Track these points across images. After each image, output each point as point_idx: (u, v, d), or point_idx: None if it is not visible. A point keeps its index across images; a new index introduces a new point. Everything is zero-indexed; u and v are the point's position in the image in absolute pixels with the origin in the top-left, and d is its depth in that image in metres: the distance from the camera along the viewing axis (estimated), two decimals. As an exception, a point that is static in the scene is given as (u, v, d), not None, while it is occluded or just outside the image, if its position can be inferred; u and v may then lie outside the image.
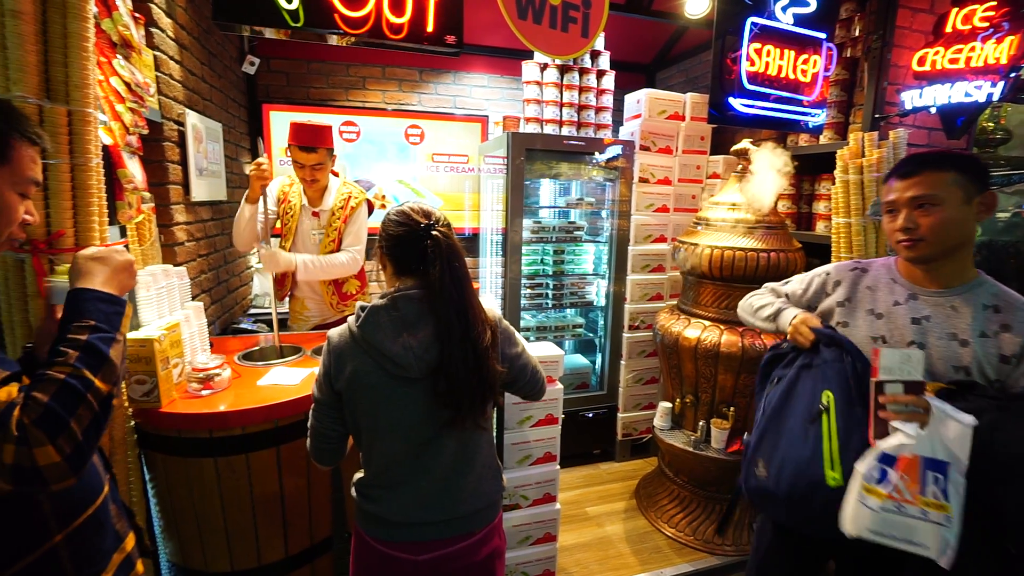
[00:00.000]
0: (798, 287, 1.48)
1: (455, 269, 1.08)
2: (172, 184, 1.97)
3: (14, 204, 0.82)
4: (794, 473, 1.19)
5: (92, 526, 0.85)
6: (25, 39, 1.06)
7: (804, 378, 1.27)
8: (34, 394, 0.69)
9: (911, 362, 1.08)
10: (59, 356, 0.75)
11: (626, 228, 2.90)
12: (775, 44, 2.09)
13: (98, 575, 0.85)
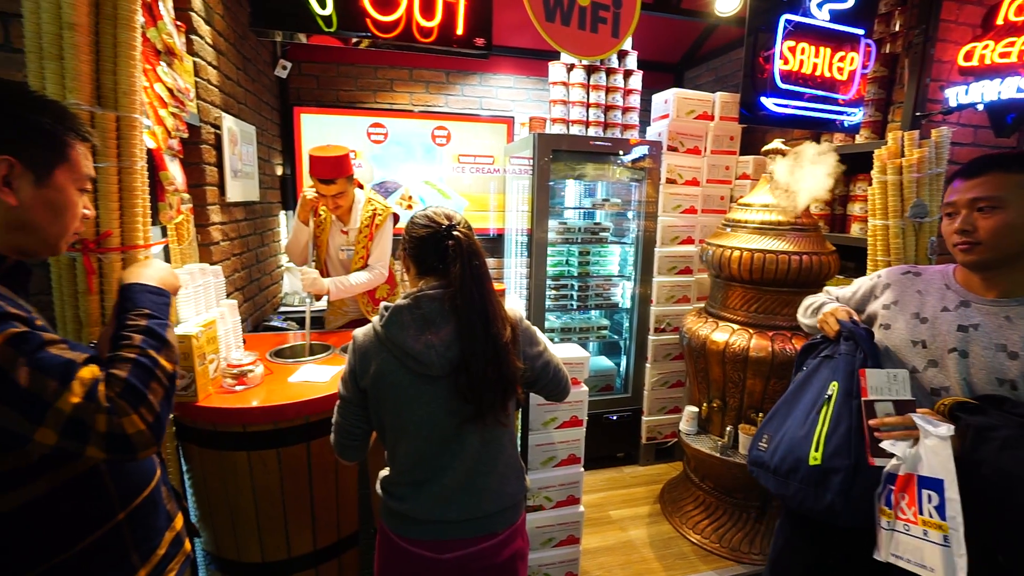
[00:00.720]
0: (849, 290, 1.48)
1: (475, 268, 1.11)
2: (208, 185, 2.03)
3: (76, 200, 0.87)
4: (787, 449, 1.28)
5: (148, 506, 0.91)
6: (80, 49, 1.12)
7: (823, 368, 1.33)
8: (113, 371, 0.76)
9: (896, 382, 1.11)
10: (124, 340, 0.81)
11: (652, 229, 2.87)
12: (810, 42, 2.03)
13: (153, 551, 0.91)
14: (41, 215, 0.82)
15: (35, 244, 0.84)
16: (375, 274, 2.28)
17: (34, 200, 0.81)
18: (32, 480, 0.75)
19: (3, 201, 0.77)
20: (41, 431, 0.68)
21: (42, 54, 1.11)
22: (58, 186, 0.83)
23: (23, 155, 0.78)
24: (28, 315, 0.76)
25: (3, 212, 0.78)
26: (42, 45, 1.10)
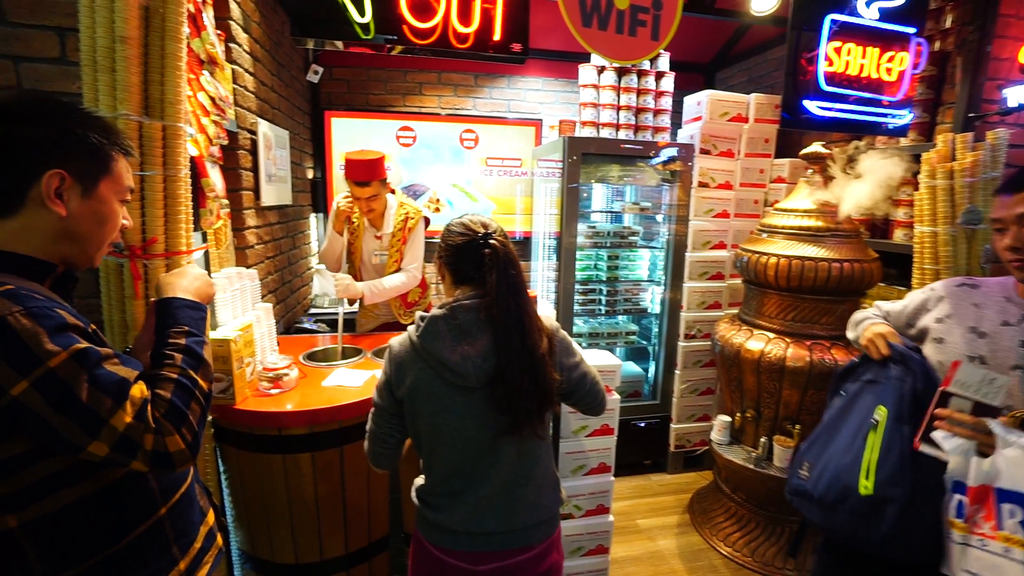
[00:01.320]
0: (900, 303, 1.43)
1: (511, 277, 1.10)
2: (244, 190, 2.07)
3: (117, 211, 0.90)
4: (832, 477, 1.22)
5: (185, 502, 0.95)
6: (130, 61, 1.14)
7: (867, 392, 1.28)
8: (158, 392, 0.80)
9: (991, 386, 1.02)
10: (167, 359, 0.85)
11: (683, 234, 2.82)
12: (857, 42, 1.96)
13: (191, 543, 0.94)
14: (87, 225, 0.85)
15: (78, 254, 0.86)
16: (409, 277, 2.30)
17: (81, 211, 0.83)
18: (83, 479, 0.78)
19: (54, 212, 0.80)
20: (95, 444, 0.73)
21: (96, 66, 1.14)
22: (102, 198, 0.86)
23: (72, 168, 0.81)
24: (84, 324, 0.78)
25: (53, 223, 0.81)
26: (96, 58, 1.13)
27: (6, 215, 0.79)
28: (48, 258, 0.82)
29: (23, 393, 0.69)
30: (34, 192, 0.78)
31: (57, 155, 0.79)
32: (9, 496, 0.73)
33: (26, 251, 0.80)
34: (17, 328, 0.69)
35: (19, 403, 0.69)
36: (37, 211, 0.79)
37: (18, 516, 0.74)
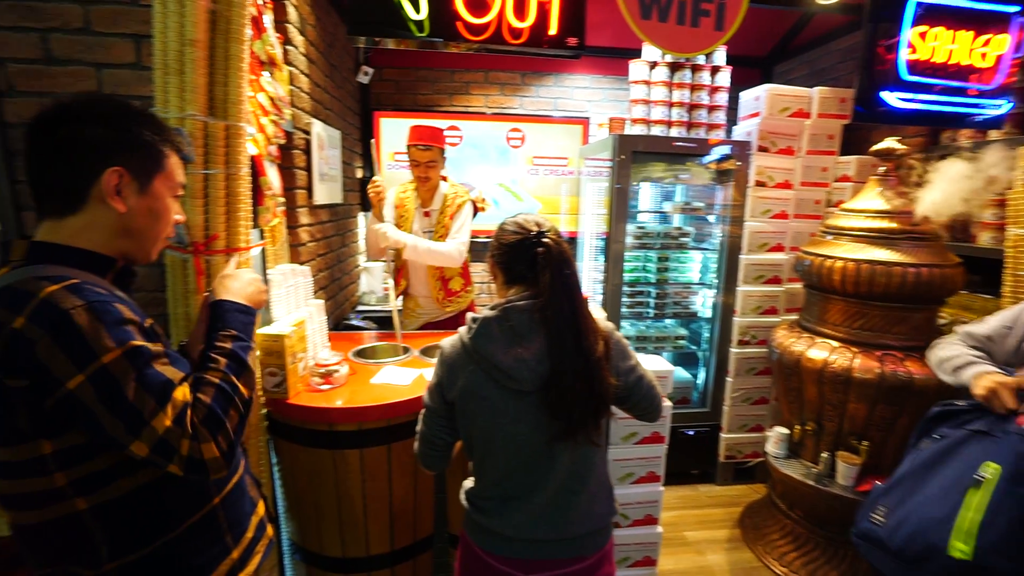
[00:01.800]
0: (999, 324, 1.29)
1: (566, 277, 1.06)
2: (298, 189, 2.12)
3: (170, 206, 0.92)
4: (915, 531, 1.11)
5: (237, 492, 0.97)
6: (198, 64, 1.18)
7: (972, 443, 1.14)
8: (199, 396, 0.80)
9: None
10: (211, 362, 0.86)
11: (738, 235, 2.69)
12: (947, 25, 1.77)
13: (243, 532, 0.97)
14: (143, 221, 0.87)
15: (136, 248, 0.89)
16: (451, 247, 2.29)
17: (138, 207, 0.86)
18: (140, 469, 0.81)
19: (114, 208, 0.82)
20: (137, 444, 0.74)
21: (167, 69, 1.17)
22: (157, 194, 0.88)
23: (129, 165, 0.83)
24: (140, 319, 0.80)
25: (113, 219, 0.83)
26: (167, 61, 1.17)
27: (70, 212, 0.81)
28: (109, 253, 0.85)
29: (78, 387, 0.71)
30: (95, 189, 0.81)
31: (116, 153, 0.82)
32: (79, 480, 0.76)
33: (88, 246, 0.83)
34: (78, 322, 0.71)
35: (74, 396, 0.71)
36: (98, 208, 0.82)
37: (87, 499, 0.77)
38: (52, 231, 0.81)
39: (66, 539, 0.78)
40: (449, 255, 2.30)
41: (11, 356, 0.70)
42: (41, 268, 0.76)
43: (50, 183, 0.81)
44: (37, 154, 0.80)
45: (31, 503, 0.76)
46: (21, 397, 0.71)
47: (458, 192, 2.40)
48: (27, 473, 0.75)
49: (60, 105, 0.80)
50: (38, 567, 0.81)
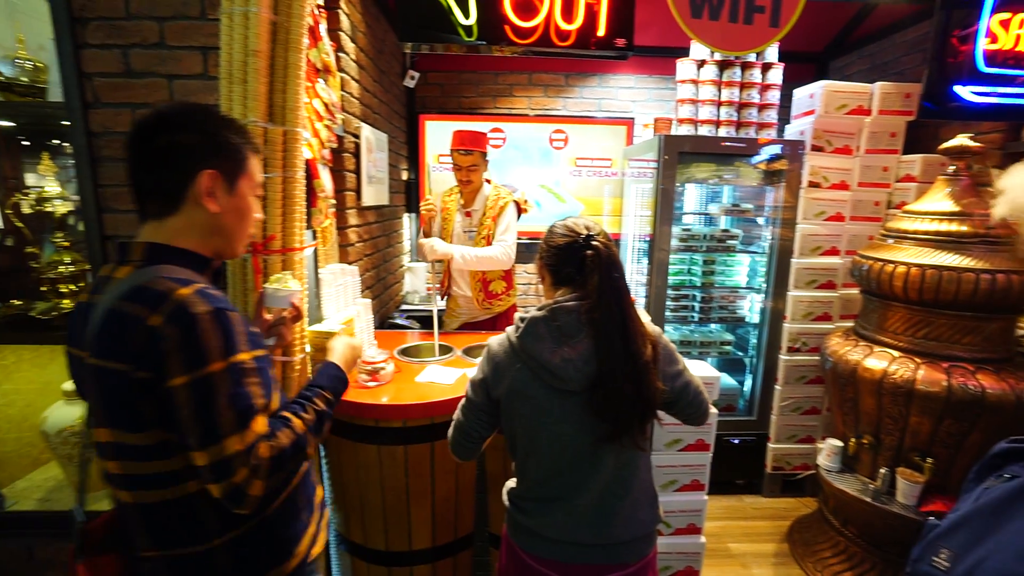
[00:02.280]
0: None
1: (614, 280, 1.05)
2: (348, 191, 2.19)
3: (253, 205, 0.98)
4: None
5: (306, 476, 1.04)
6: (260, 72, 1.24)
7: None
8: (279, 435, 0.84)
9: None
10: (303, 411, 0.92)
11: (789, 238, 2.59)
12: (1036, 11, 1.65)
13: (313, 510, 1.04)
14: (232, 220, 0.93)
15: (225, 246, 0.95)
16: (499, 251, 2.30)
17: (227, 207, 0.91)
18: None
19: (208, 209, 0.88)
20: (200, 454, 0.78)
21: (231, 79, 1.24)
22: (242, 193, 0.94)
23: (220, 167, 0.89)
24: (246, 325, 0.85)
25: (207, 219, 0.89)
26: (232, 71, 1.24)
27: (169, 213, 0.88)
28: (205, 252, 0.91)
29: (178, 387, 0.76)
30: (191, 191, 0.86)
31: (208, 157, 0.87)
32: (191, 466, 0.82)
33: (188, 246, 0.89)
34: (204, 327, 0.77)
35: (171, 392, 0.76)
36: (193, 209, 0.88)
37: (198, 482, 0.83)
38: (155, 232, 0.88)
39: (183, 516, 0.85)
40: (498, 259, 2.31)
41: (144, 350, 0.76)
42: (162, 268, 0.82)
43: (151, 187, 0.87)
44: (138, 160, 0.86)
45: (157, 483, 0.83)
46: (144, 388, 0.77)
47: (500, 194, 2.41)
48: (154, 456, 0.81)
49: (156, 114, 0.86)
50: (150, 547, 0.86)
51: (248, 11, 1.22)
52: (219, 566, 0.88)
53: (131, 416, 0.79)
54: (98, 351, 0.79)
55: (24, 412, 1.97)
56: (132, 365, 0.76)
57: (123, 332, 0.77)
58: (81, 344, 0.84)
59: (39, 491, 1.91)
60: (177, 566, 0.87)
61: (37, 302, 1.84)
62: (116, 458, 0.82)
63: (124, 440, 0.81)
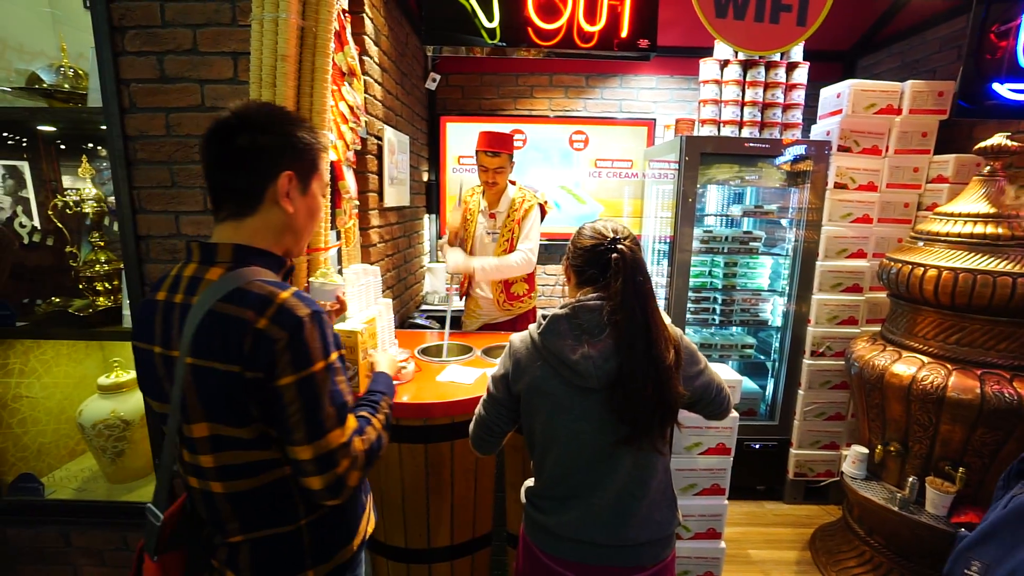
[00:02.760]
0: None
1: (639, 284, 1.05)
2: (370, 192, 2.22)
3: (322, 204, 1.01)
4: None
5: None
6: (288, 76, 1.27)
7: None
8: (367, 430, 0.92)
9: None
10: (378, 412, 0.99)
11: (814, 240, 2.54)
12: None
13: (367, 494, 1.10)
14: (304, 220, 0.96)
15: (294, 245, 0.98)
16: (522, 258, 2.30)
17: (300, 207, 0.94)
18: None
19: (284, 209, 0.90)
20: (303, 448, 0.82)
21: (261, 83, 1.28)
22: (313, 193, 0.96)
23: (296, 168, 0.91)
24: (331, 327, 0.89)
25: (282, 219, 0.92)
26: (261, 76, 1.27)
27: (247, 214, 0.90)
28: (278, 251, 0.94)
29: (286, 385, 0.80)
30: (270, 192, 0.89)
31: (287, 158, 0.90)
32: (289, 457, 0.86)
33: (264, 246, 0.91)
34: (308, 330, 0.81)
35: (278, 391, 0.80)
36: (271, 209, 0.90)
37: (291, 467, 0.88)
38: (235, 232, 0.90)
39: (274, 500, 0.90)
40: (519, 267, 2.31)
41: (255, 351, 0.79)
42: (251, 271, 0.85)
43: (231, 187, 0.89)
44: (217, 160, 0.88)
45: (253, 471, 0.86)
46: (255, 387, 0.80)
47: (526, 196, 2.39)
48: (255, 446, 0.85)
49: (236, 115, 0.88)
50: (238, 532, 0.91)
51: (278, 17, 1.25)
52: (302, 545, 0.93)
53: (236, 412, 0.82)
54: (200, 352, 0.81)
55: (62, 404, 2.05)
56: (242, 366, 0.79)
57: (229, 334, 0.79)
58: (160, 341, 0.87)
59: (75, 481, 1.98)
60: (263, 547, 0.91)
61: (75, 299, 1.91)
62: (214, 451, 0.85)
63: (226, 434, 0.83)
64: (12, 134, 1.90)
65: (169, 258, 1.66)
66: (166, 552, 0.94)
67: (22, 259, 1.92)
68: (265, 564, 0.92)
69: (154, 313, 0.89)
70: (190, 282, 0.87)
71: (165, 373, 0.87)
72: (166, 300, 0.88)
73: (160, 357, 0.88)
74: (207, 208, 1.63)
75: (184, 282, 0.88)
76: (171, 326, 0.86)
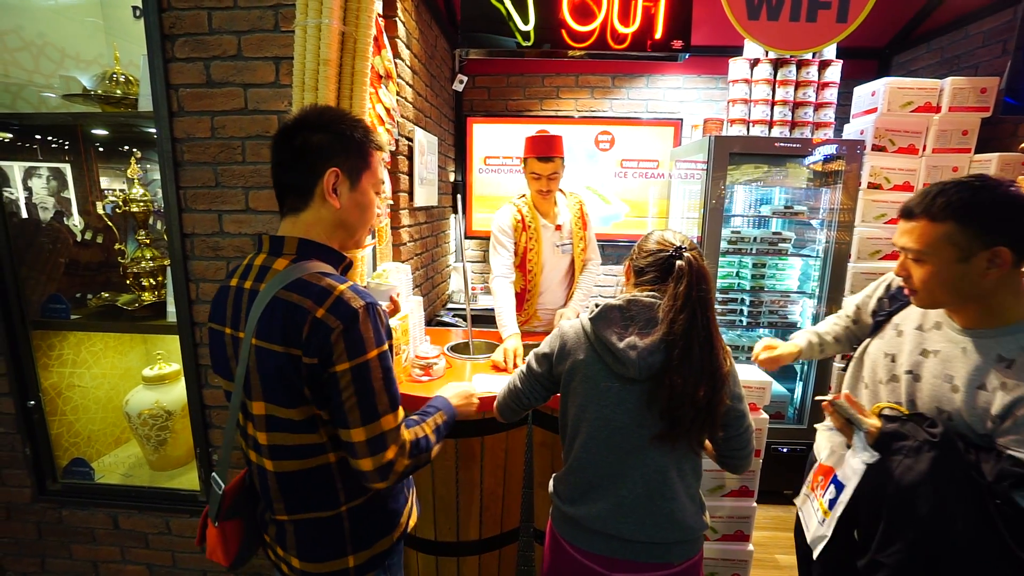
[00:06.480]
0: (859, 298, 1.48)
1: (702, 291, 1.08)
2: (401, 192, 2.27)
3: (374, 200, 1.05)
4: None
5: None
6: (330, 80, 1.32)
7: None
8: (415, 429, 0.99)
9: None
10: (428, 419, 1.07)
11: (846, 241, 2.50)
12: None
13: (409, 489, 1.15)
14: (353, 214, 1.00)
15: (348, 239, 1.03)
16: (594, 268, 2.32)
17: (349, 202, 0.98)
18: None
19: (330, 204, 0.95)
20: (358, 431, 0.88)
21: (304, 87, 1.33)
22: (363, 189, 1.00)
23: (343, 165, 0.95)
24: (385, 318, 0.94)
25: (332, 214, 0.97)
26: (304, 80, 1.32)
27: (302, 208, 0.96)
28: (332, 245, 0.99)
29: (342, 372, 0.85)
30: (318, 188, 0.94)
31: (335, 154, 0.94)
32: (335, 437, 0.92)
33: (317, 239, 0.96)
34: (363, 320, 0.86)
35: (335, 376, 0.85)
36: (321, 204, 0.95)
37: (336, 454, 0.94)
38: (293, 226, 0.96)
39: (317, 484, 0.95)
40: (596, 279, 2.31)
41: (311, 338, 0.84)
42: (313, 263, 0.91)
43: (288, 183, 0.96)
44: (278, 160, 0.95)
45: (300, 454, 0.92)
46: (309, 371, 0.86)
47: (581, 201, 2.30)
48: (303, 429, 0.90)
49: (297, 117, 0.95)
50: (283, 512, 0.97)
51: (321, 23, 1.30)
52: (342, 531, 0.97)
53: (289, 394, 0.88)
54: (263, 334, 0.87)
55: (108, 394, 2.15)
56: (302, 351, 0.84)
57: (289, 320, 0.85)
58: (231, 323, 0.94)
59: (122, 467, 2.08)
60: (306, 529, 0.97)
61: (123, 294, 2.01)
62: (268, 429, 0.91)
63: (278, 414, 0.90)
64: (59, 138, 2.00)
65: (212, 255, 1.73)
66: (227, 520, 1.00)
67: (75, 256, 2.03)
68: (308, 545, 0.97)
69: (227, 297, 0.96)
70: (259, 271, 0.93)
71: (232, 352, 0.94)
72: (237, 286, 0.95)
73: (229, 337, 0.95)
74: (248, 207, 1.70)
75: (254, 271, 0.94)
76: (239, 310, 0.93)
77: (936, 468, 0.99)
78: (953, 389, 1.04)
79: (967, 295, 1.03)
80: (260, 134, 1.64)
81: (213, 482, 1.00)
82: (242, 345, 0.90)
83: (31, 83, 1.91)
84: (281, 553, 1.01)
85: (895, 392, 1.17)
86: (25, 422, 1.88)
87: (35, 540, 2.00)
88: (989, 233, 0.97)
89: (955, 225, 0.98)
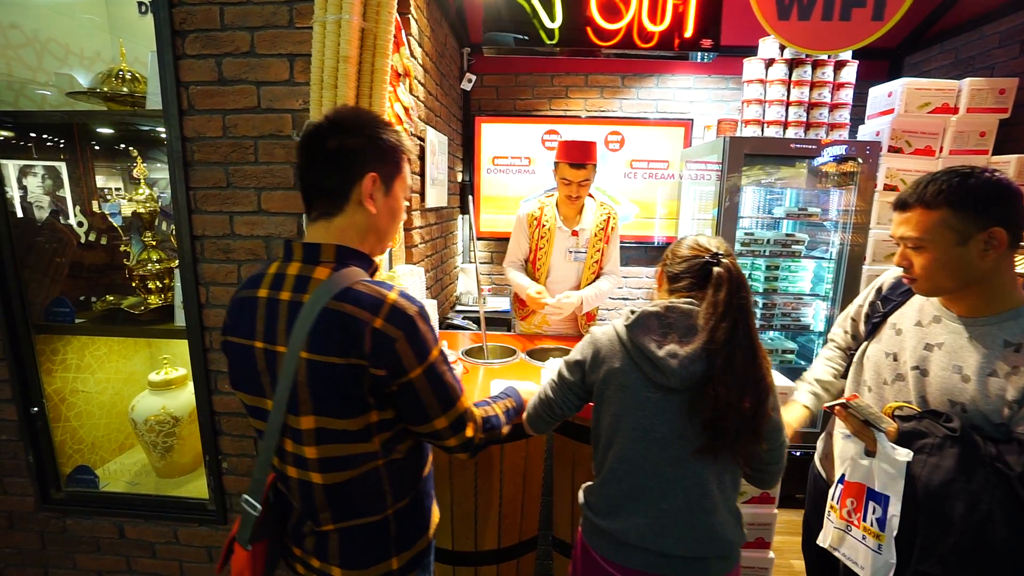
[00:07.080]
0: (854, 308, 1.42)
1: (742, 299, 1.04)
2: (413, 193, 2.23)
3: (403, 207, 1.02)
4: None
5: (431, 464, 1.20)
6: (349, 78, 1.28)
7: None
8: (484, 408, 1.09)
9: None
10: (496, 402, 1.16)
11: (861, 243, 2.47)
12: None
13: (433, 488, 1.16)
14: (386, 221, 0.97)
15: (377, 245, 1.00)
16: (614, 281, 2.27)
17: (383, 208, 0.95)
18: (409, 436, 0.99)
19: (366, 210, 0.92)
20: (440, 419, 0.94)
21: (323, 84, 1.29)
22: (395, 195, 0.98)
23: (380, 170, 0.92)
24: None
25: (366, 219, 0.93)
26: (323, 77, 1.28)
27: (336, 213, 0.92)
28: (364, 251, 0.96)
29: (417, 376, 0.88)
30: (355, 193, 0.91)
31: (372, 159, 0.91)
32: (385, 442, 0.93)
33: (350, 244, 0.93)
34: (420, 325, 0.88)
35: (412, 383, 0.88)
36: (356, 209, 0.92)
37: (385, 458, 0.94)
38: (325, 232, 0.93)
39: (367, 490, 0.95)
40: (610, 292, 2.24)
41: (375, 349, 0.84)
42: (353, 271, 0.89)
43: (321, 187, 0.92)
44: (310, 162, 0.91)
45: (352, 464, 0.91)
46: (375, 381, 0.85)
47: (611, 213, 2.22)
48: (358, 439, 0.90)
49: (328, 119, 0.91)
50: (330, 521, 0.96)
51: (341, 19, 1.26)
52: (389, 534, 0.99)
53: (348, 405, 0.86)
54: (317, 347, 0.84)
55: (113, 399, 2.10)
56: (368, 362, 0.84)
57: (347, 332, 0.83)
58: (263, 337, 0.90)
59: (127, 474, 2.03)
60: (353, 535, 0.97)
61: (128, 297, 1.96)
62: (318, 443, 0.88)
63: (331, 426, 0.87)
64: (56, 136, 1.94)
65: (223, 258, 1.68)
66: (256, 542, 0.97)
67: (79, 258, 1.98)
68: (354, 552, 0.97)
69: (255, 309, 0.91)
70: (297, 280, 0.89)
71: (266, 367, 0.89)
72: (269, 297, 0.90)
73: (262, 352, 0.90)
74: (260, 208, 1.65)
75: (289, 280, 0.90)
76: (275, 321, 0.88)
77: (963, 463, 0.98)
78: (964, 379, 1.04)
79: (968, 278, 1.04)
80: (273, 133, 1.59)
81: (247, 504, 0.96)
82: (283, 359, 0.86)
83: (34, 80, 1.86)
84: (317, 564, 0.98)
85: (902, 392, 1.15)
86: (28, 429, 1.82)
87: (38, 550, 1.95)
88: (982, 215, 1.00)
89: (949, 210, 1.01)
